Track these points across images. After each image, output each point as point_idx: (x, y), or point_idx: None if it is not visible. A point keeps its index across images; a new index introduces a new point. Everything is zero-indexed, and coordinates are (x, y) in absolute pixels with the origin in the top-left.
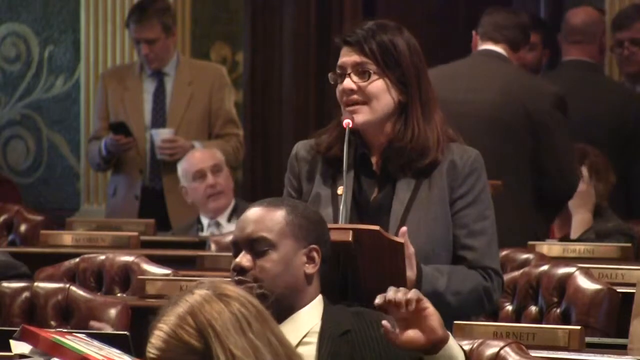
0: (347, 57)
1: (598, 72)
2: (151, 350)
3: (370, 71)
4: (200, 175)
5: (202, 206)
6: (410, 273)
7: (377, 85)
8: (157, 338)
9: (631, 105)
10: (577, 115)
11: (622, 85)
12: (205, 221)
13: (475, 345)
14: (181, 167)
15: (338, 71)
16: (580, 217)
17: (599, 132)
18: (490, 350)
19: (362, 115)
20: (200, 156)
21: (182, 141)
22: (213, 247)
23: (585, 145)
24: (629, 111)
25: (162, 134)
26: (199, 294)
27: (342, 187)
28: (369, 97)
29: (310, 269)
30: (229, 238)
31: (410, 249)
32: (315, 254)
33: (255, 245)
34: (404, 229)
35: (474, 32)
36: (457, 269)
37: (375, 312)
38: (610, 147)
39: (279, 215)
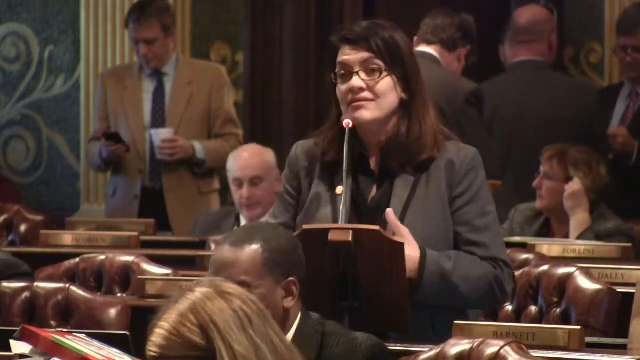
0: (352, 55)
1: (549, 70)
2: (151, 348)
3: (381, 69)
4: (237, 183)
5: (239, 208)
6: (412, 250)
7: (386, 82)
8: (157, 336)
9: (585, 98)
10: (535, 115)
11: (574, 80)
12: (243, 222)
13: (475, 345)
14: (228, 163)
15: (341, 71)
16: (577, 218)
17: (559, 130)
18: (490, 350)
19: (370, 112)
20: (242, 164)
21: (182, 141)
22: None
23: (564, 144)
24: (583, 104)
25: (162, 134)
26: (200, 291)
27: (340, 187)
28: (377, 95)
29: (289, 302)
30: None
31: (402, 228)
32: (293, 287)
33: None
34: (389, 210)
35: (415, 37)
36: (466, 255)
37: (346, 337)
38: (573, 142)
39: (254, 254)
